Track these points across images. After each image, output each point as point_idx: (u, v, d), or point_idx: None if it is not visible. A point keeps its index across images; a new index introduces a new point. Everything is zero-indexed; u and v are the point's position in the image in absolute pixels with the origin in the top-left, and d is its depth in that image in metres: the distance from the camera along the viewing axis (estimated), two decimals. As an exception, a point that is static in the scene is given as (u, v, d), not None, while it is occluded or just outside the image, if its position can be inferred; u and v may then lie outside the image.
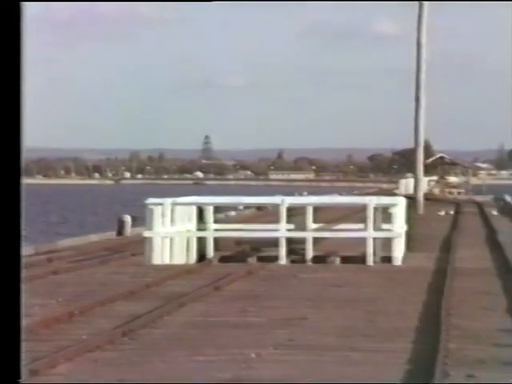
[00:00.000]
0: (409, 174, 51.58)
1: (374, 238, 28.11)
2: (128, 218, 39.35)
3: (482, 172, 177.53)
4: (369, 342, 15.62)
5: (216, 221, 31.05)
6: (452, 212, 56.46)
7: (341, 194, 55.94)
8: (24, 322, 17.52)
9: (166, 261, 26.98)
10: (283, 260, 27.51)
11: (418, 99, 51.03)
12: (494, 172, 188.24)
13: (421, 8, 54.03)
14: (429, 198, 56.55)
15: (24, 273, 21.68)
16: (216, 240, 28.87)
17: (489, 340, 15.91)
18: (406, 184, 54.83)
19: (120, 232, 39.19)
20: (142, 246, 28.78)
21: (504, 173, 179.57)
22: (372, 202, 28.50)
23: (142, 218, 32.61)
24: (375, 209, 28.36)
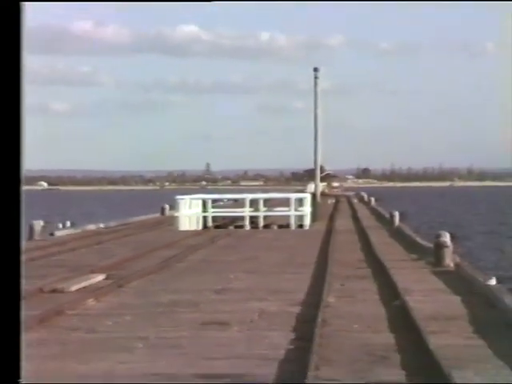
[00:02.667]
0: (312, 182, 69.27)
1: (294, 215, 45.66)
2: (167, 206, 58.95)
3: (348, 180, 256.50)
4: (292, 269, 24.49)
5: (213, 207, 48.72)
6: (334, 201, 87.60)
7: (277, 192, 71.68)
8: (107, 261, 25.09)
9: (186, 228, 43.77)
10: (247, 227, 45.04)
11: (316, 138, 62.51)
12: (355, 180, 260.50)
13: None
14: (322, 194, 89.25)
15: (111, 236, 31.60)
16: (212, 217, 47.10)
17: (352, 266, 24.83)
18: (311, 187, 72.60)
19: (162, 213, 59.51)
20: (173, 220, 45.87)
21: (361, 181, 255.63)
22: (293, 196, 48.90)
23: (173, 206, 49.25)
24: (295, 200, 46.72)
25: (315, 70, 63.76)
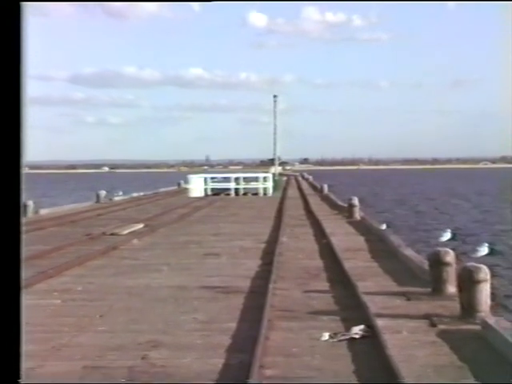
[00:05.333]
0: (273, 166, 66.99)
1: (262, 187, 45.09)
2: (182, 182, 54.70)
3: (295, 165, 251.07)
4: (260, 220, 24.31)
5: (211, 182, 47.03)
6: (286, 178, 79.46)
7: (251, 173, 70.52)
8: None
9: (194, 195, 42.29)
10: (233, 195, 44.26)
11: (275, 140, 62.41)
12: (299, 165, 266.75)
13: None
14: (280, 174, 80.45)
15: (147, 200, 31.40)
16: (211, 189, 45.73)
17: (297, 218, 24.65)
18: (272, 169, 70.35)
19: (178, 186, 55.12)
20: (186, 191, 44.69)
21: (303, 166, 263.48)
22: (261, 175, 48.04)
23: (186, 182, 48.50)
24: (262, 177, 46.67)
25: (274, 96, 63.80)
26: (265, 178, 46.57)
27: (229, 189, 45.53)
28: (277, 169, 69.97)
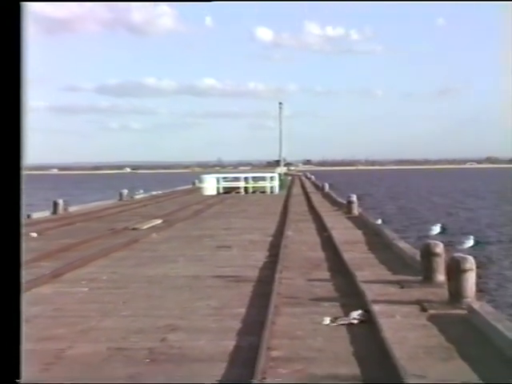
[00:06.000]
0: (278, 167, 65.86)
1: (269, 186, 44.65)
2: (196, 181, 54.35)
3: (299, 166, 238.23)
4: (267, 216, 24.20)
5: (222, 181, 46.35)
6: (291, 178, 78.02)
7: (259, 173, 69.69)
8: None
9: (207, 194, 41.74)
10: (242, 193, 44.18)
11: (280, 143, 60.63)
12: (302, 166, 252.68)
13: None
14: (285, 174, 78.92)
15: (165, 198, 31.17)
16: (222, 187, 44.92)
17: (301, 214, 24.48)
18: (278, 170, 68.59)
19: (193, 185, 54.72)
20: (200, 189, 44.04)
21: (306, 166, 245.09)
22: (268, 175, 47.83)
23: (200, 181, 47.55)
24: (269, 177, 46.36)
25: (280, 104, 63.19)
26: (271, 178, 46.46)
27: (239, 187, 45.42)
28: (282, 169, 69.82)
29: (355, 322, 7.51)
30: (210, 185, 44.77)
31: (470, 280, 8.17)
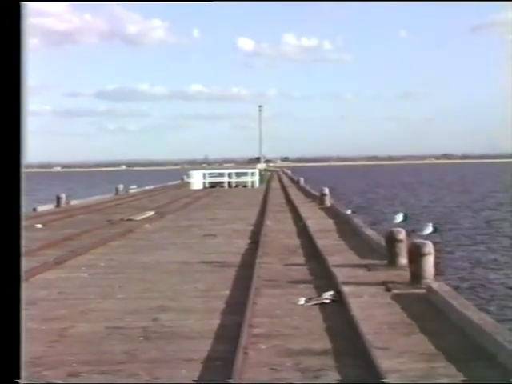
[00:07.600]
0: (259, 163, 64.68)
1: (250, 180, 44.31)
2: (184, 177, 52.63)
3: (278, 162, 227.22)
4: (248, 207, 24.00)
5: (208, 177, 45.39)
6: (269, 173, 74.44)
7: (241, 169, 68.67)
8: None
9: (195, 188, 41.12)
10: (226, 187, 43.10)
11: (260, 141, 61.55)
12: (280, 163, 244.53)
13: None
14: (264, 170, 77.50)
15: (156, 192, 30.75)
16: (208, 182, 44.04)
17: (279, 205, 24.15)
18: (258, 166, 67.68)
19: (182, 180, 52.93)
20: (188, 184, 43.06)
21: (284, 163, 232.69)
22: (249, 170, 47.16)
23: (188, 177, 46.49)
24: (250, 172, 45.59)
25: (260, 106, 63.93)
26: (252, 173, 46.25)
27: (223, 182, 45.20)
28: (262, 165, 70.09)
29: (327, 301, 7.50)
30: (197, 180, 44.44)
31: (429, 263, 8.20)
